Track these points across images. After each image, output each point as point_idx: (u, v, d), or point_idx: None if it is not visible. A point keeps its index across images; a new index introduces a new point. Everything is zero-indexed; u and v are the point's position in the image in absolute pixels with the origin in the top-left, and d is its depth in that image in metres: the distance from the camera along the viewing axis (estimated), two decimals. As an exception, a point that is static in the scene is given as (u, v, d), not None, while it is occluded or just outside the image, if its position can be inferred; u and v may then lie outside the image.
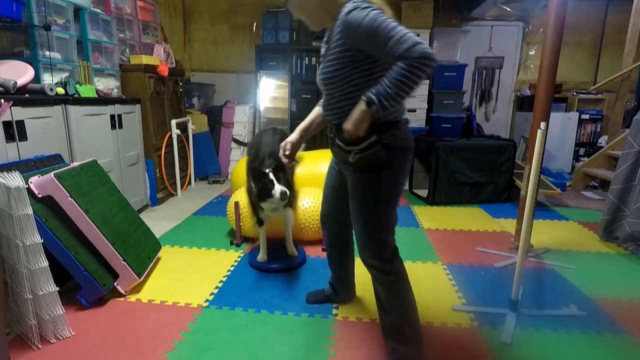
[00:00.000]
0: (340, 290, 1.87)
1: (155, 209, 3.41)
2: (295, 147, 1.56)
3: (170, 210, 3.39)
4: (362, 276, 1.61)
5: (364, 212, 1.34)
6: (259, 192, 1.96)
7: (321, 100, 1.50)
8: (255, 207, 2.15)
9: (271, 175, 1.93)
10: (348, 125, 1.19)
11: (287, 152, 1.55)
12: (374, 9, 1.12)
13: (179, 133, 3.78)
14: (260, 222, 2.25)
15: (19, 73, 2.20)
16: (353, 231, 1.48)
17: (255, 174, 1.98)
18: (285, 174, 1.99)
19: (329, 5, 1.25)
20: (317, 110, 1.57)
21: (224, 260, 2.37)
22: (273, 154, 2.08)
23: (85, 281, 1.77)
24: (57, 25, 2.54)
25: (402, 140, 1.28)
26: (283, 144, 1.56)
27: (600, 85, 4.35)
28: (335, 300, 1.89)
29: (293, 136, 1.56)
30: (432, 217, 3.23)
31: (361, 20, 1.11)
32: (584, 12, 4.88)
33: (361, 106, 1.14)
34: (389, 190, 1.30)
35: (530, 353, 1.56)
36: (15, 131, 1.93)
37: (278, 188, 1.91)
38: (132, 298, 1.93)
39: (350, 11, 1.14)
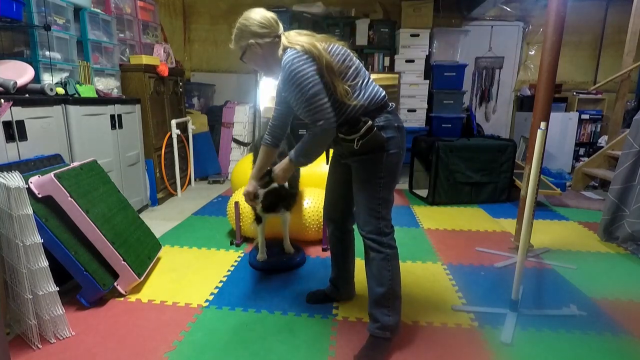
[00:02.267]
0: (342, 286, 1.87)
1: (155, 209, 3.41)
2: (255, 193, 1.77)
3: (170, 210, 3.39)
4: (361, 276, 1.61)
5: (367, 189, 1.47)
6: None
7: (267, 137, 1.69)
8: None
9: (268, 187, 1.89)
10: (277, 171, 1.55)
11: (251, 201, 1.78)
12: (299, 66, 1.32)
13: (179, 133, 3.78)
14: (258, 220, 2.25)
15: (19, 73, 2.20)
16: (354, 220, 1.64)
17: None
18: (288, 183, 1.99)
19: (272, 60, 1.47)
20: (265, 150, 1.70)
21: (224, 260, 2.37)
22: (283, 153, 2.07)
23: (85, 281, 1.77)
24: (57, 25, 2.54)
25: (395, 120, 1.47)
26: (245, 193, 1.76)
27: (600, 85, 4.35)
28: (336, 297, 1.90)
29: (251, 186, 1.74)
30: (432, 217, 3.23)
31: (291, 76, 1.34)
32: (584, 12, 4.88)
33: (286, 160, 1.51)
34: (390, 167, 1.46)
35: (530, 353, 1.56)
36: (15, 131, 1.93)
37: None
38: (132, 298, 1.93)
39: (286, 67, 1.35)
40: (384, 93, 1.46)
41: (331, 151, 1.69)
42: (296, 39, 1.40)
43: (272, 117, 1.68)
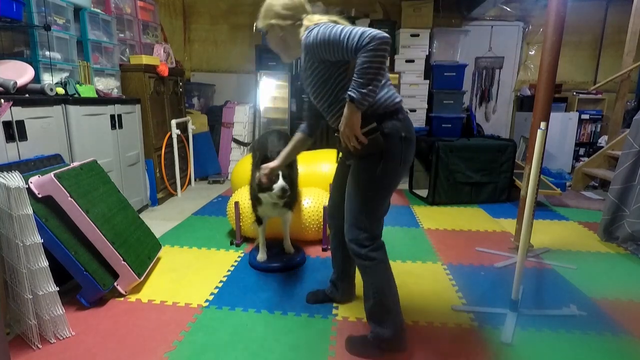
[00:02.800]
0: (342, 287, 1.87)
1: (155, 209, 3.41)
2: (275, 172, 1.77)
3: (170, 210, 3.39)
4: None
5: (356, 195, 1.43)
6: (261, 182, 1.94)
7: (302, 125, 1.69)
8: (254, 203, 2.15)
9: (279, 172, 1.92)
10: (342, 126, 1.30)
11: (265, 175, 1.76)
12: (321, 26, 1.29)
13: (179, 133, 3.78)
14: (259, 221, 2.25)
15: (19, 73, 2.20)
16: None
17: (265, 162, 1.92)
18: (292, 172, 1.98)
19: (292, 42, 1.44)
20: (298, 137, 1.70)
21: (224, 260, 2.37)
22: (269, 158, 2.07)
23: (85, 281, 1.77)
24: (57, 25, 2.54)
25: (403, 130, 1.37)
26: (264, 166, 1.74)
27: (600, 85, 4.35)
28: (335, 298, 1.89)
29: (274, 162, 1.72)
30: (432, 217, 3.23)
31: (314, 38, 1.28)
32: (584, 12, 4.88)
33: (347, 106, 1.26)
34: (384, 179, 1.39)
35: (530, 353, 1.56)
36: (15, 131, 1.93)
37: (280, 184, 1.88)
38: (132, 298, 1.93)
39: (306, 37, 1.32)
40: (398, 99, 1.40)
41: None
42: (319, 19, 1.38)
43: (305, 107, 1.68)
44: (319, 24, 1.32)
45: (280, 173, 1.91)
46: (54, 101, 2.24)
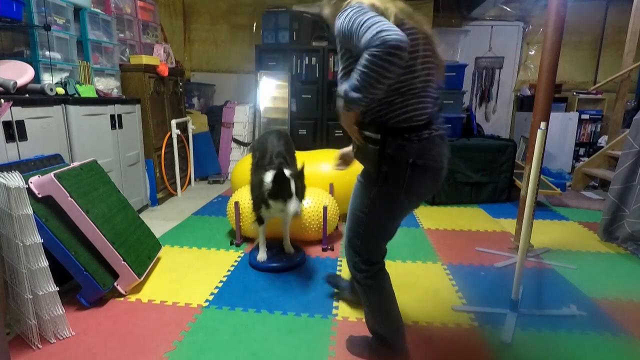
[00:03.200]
0: (354, 290, 1.84)
1: (155, 209, 3.41)
2: (347, 157, 1.55)
3: (170, 210, 3.39)
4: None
5: (351, 214, 1.35)
6: (274, 190, 1.95)
7: None
8: (257, 204, 2.15)
9: (292, 184, 1.91)
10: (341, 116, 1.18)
11: (339, 161, 1.57)
12: (355, 9, 1.07)
13: (179, 133, 3.78)
14: (260, 221, 2.25)
15: (19, 73, 2.20)
16: None
17: (278, 177, 1.92)
18: (301, 179, 1.98)
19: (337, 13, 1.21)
20: None
21: (224, 260, 2.37)
22: (281, 154, 2.08)
23: (85, 281, 1.77)
24: (57, 25, 2.54)
25: (414, 154, 1.14)
26: (341, 151, 1.55)
27: (600, 85, 4.35)
28: (344, 293, 1.90)
29: (348, 148, 1.52)
30: (432, 217, 3.23)
31: (341, 23, 1.08)
32: (584, 12, 4.88)
33: (338, 103, 1.12)
34: (379, 205, 1.23)
35: (530, 353, 1.56)
36: (15, 131, 1.93)
37: (294, 205, 1.90)
38: (132, 298, 1.93)
39: (338, 17, 1.12)
40: (423, 117, 1.16)
41: None
42: None
43: None
44: (361, 3, 1.09)
45: (293, 185, 1.91)
46: (54, 101, 2.24)
